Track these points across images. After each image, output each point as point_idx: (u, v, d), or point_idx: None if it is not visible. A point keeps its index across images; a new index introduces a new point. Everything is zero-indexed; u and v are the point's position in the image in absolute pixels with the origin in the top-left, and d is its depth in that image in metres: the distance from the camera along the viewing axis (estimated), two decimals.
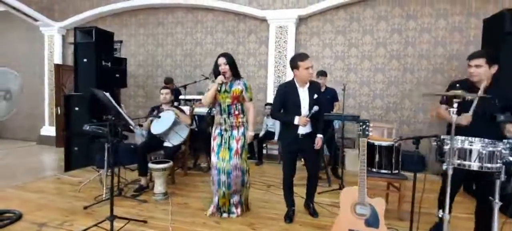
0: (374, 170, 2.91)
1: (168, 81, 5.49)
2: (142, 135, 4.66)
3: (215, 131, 2.82)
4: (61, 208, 2.95)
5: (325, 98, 2.74)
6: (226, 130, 2.78)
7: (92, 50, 4.82)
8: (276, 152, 5.43)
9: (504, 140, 1.71)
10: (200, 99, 5.12)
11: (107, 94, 2.27)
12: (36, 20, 6.76)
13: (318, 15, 5.48)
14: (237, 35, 6.00)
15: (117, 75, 5.28)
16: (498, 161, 1.65)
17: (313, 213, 2.89)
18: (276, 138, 5.21)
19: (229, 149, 2.75)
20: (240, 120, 2.78)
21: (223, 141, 2.77)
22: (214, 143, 2.80)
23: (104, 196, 3.15)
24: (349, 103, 5.34)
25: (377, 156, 2.89)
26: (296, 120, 2.55)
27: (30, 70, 7.14)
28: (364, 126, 1.98)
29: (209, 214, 2.83)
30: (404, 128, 5.07)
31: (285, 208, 2.84)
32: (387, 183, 3.18)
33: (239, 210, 2.83)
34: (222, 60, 2.72)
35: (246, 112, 2.87)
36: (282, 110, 2.72)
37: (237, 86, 2.75)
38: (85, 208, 2.91)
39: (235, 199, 2.83)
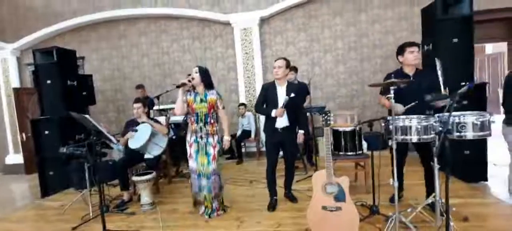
0: (341, 153, 3.28)
1: (139, 87, 5.50)
2: (119, 151, 4.67)
3: (191, 138, 3.01)
4: None
5: (300, 93, 3.14)
6: (201, 137, 2.98)
7: (55, 70, 4.65)
8: (254, 149, 5.69)
9: (435, 115, 2.10)
10: (174, 108, 5.21)
11: (87, 116, 2.34)
12: None
13: (279, 15, 5.79)
14: (203, 41, 6.13)
15: (84, 93, 5.17)
16: (432, 132, 2.04)
17: (293, 199, 3.21)
18: (252, 135, 5.48)
19: (207, 154, 2.97)
20: (214, 128, 3.01)
21: (200, 147, 2.98)
22: (191, 150, 2.99)
23: (91, 214, 3.19)
24: (317, 94, 5.73)
25: (342, 141, 3.27)
26: (273, 112, 2.92)
27: None
28: (326, 117, 2.28)
29: (201, 213, 3.04)
30: (367, 113, 5.57)
31: (268, 200, 3.12)
32: (354, 163, 3.58)
33: (220, 212, 3.05)
34: (194, 69, 2.97)
35: (218, 121, 3.10)
36: (264, 106, 3.09)
37: (212, 96, 2.97)
38: (74, 228, 2.95)
39: (216, 204, 3.04)
